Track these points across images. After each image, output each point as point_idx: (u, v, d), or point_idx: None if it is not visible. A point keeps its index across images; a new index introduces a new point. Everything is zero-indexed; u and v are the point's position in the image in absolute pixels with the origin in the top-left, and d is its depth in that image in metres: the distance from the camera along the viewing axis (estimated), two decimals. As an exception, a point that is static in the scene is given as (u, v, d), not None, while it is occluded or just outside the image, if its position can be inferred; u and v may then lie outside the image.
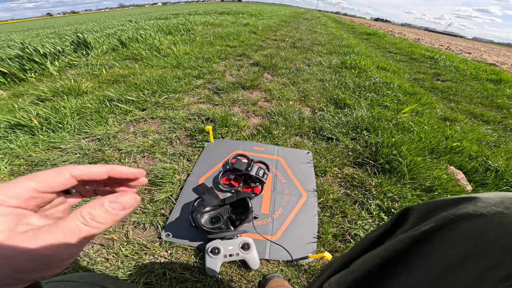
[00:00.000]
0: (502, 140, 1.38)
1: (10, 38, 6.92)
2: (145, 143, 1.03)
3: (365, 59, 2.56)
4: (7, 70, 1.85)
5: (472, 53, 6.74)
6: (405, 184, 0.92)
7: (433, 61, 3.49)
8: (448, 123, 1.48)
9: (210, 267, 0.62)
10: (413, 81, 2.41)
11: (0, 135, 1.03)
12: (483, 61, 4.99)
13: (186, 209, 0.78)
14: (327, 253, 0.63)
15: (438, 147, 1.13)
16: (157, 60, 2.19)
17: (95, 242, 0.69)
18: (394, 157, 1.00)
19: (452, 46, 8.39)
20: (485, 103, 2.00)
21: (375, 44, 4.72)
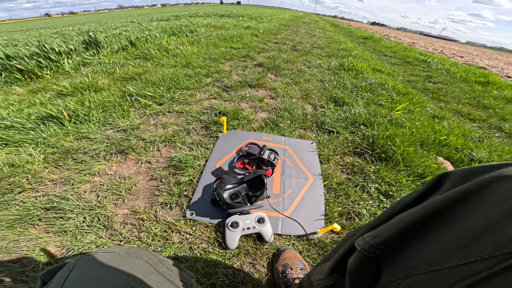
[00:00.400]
0: (486, 136, 1.52)
1: (13, 37, 6.94)
2: (166, 134, 1.14)
3: (361, 62, 2.71)
4: (24, 67, 1.93)
5: (464, 57, 7.00)
6: (399, 170, 1.04)
7: (426, 64, 3.67)
8: (437, 120, 1.62)
9: (229, 241, 0.70)
10: (406, 82, 2.57)
11: (31, 126, 1.13)
12: (474, 65, 5.23)
13: (207, 190, 0.88)
14: (336, 224, 0.73)
15: (427, 140, 1.26)
16: (167, 60, 2.30)
17: (127, 222, 0.77)
18: (389, 147, 1.12)
19: (445, 50, 8.67)
20: (472, 103, 2.16)
21: (371, 48, 4.91)
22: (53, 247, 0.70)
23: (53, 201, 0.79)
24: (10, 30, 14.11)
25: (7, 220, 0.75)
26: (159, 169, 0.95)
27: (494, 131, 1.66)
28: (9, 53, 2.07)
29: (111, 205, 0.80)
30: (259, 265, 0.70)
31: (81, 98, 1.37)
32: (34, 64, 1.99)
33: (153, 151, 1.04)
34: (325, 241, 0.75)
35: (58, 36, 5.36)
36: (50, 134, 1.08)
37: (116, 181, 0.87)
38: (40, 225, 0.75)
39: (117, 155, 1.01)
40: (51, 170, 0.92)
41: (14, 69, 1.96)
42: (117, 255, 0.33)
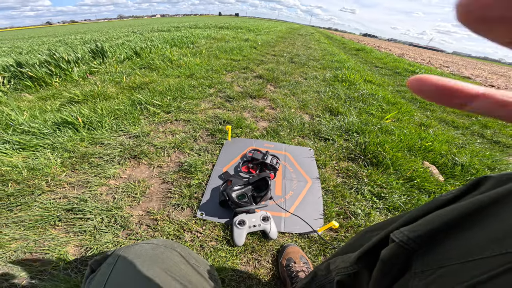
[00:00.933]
0: (469, 142, 1.66)
1: (16, 45, 7.02)
2: (175, 140, 1.22)
3: (354, 73, 2.89)
4: (35, 75, 2.01)
5: (450, 67, 7.41)
6: (390, 174, 1.14)
7: (415, 75, 3.91)
8: (423, 128, 1.76)
9: (237, 237, 0.77)
10: (396, 92, 2.75)
11: (47, 132, 1.20)
12: (459, 74, 5.56)
13: (215, 192, 0.96)
14: (334, 221, 0.80)
15: (414, 147, 1.38)
16: (171, 70, 2.41)
17: (142, 222, 0.82)
18: (379, 152, 1.23)
19: (433, 60, 9.15)
20: (456, 111, 2.33)
21: (363, 59, 5.18)
22: (72, 247, 0.74)
23: (72, 202, 0.85)
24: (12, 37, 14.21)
25: (29, 220, 0.80)
26: (170, 173, 1.03)
27: (476, 138, 1.80)
28: (21, 61, 2.14)
29: (127, 207, 0.86)
30: (264, 260, 0.76)
31: (92, 105, 1.45)
32: (44, 72, 2.07)
33: (164, 157, 1.12)
34: (325, 238, 0.83)
35: (62, 45, 5.47)
36: (67, 139, 1.15)
37: (130, 184, 0.94)
38: (60, 226, 0.80)
39: (130, 160, 1.08)
40: (68, 174, 0.98)
41: (25, 76, 2.03)
42: (155, 246, 0.37)
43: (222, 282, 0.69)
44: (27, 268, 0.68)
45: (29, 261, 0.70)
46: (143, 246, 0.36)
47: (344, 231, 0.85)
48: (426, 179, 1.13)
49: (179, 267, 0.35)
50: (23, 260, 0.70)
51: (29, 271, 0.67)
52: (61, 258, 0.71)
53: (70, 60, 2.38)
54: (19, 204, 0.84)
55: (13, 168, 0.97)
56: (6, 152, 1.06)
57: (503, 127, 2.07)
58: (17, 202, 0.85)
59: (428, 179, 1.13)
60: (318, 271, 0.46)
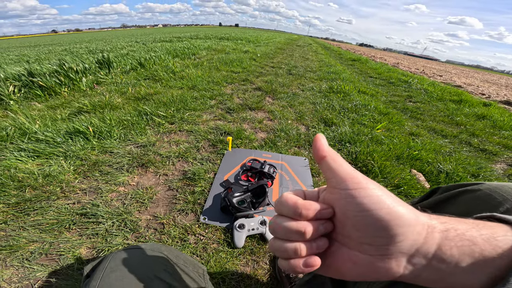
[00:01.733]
0: (456, 150, 1.75)
1: (23, 53, 7.22)
2: (179, 150, 1.31)
3: (349, 84, 3.04)
4: (45, 84, 2.12)
5: (443, 76, 7.62)
6: (379, 182, 1.23)
7: (407, 84, 4.06)
8: (413, 137, 1.86)
9: (237, 240, 0.82)
10: (388, 103, 2.87)
11: (60, 140, 1.28)
12: (451, 83, 5.75)
13: (217, 198, 1.03)
14: None
15: (403, 155, 1.48)
16: (174, 82, 2.54)
17: (150, 226, 0.88)
18: (369, 161, 1.32)
19: (426, 69, 9.41)
20: (446, 120, 2.45)
21: (358, 70, 5.38)
22: (85, 249, 0.80)
23: (85, 207, 0.92)
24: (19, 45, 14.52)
25: (46, 224, 0.86)
26: (175, 180, 1.11)
27: (463, 146, 1.90)
28: (32, 70, 2.25)
29: (136, 212, 0.94)
30: (262, 262, 0.80)
31: (101, 115, 1.55)
32: (54, 81, 2.18)
33: (169, 165, 1.20)
34: None
35: (68, 54, 5.65)
36: (79, 148, 1.23)
37: (139, 191, 1.02)
38: (74, 229, 0.85)
39: (138, 168, 1.16)
40: (81, 180, 1.06)
41: (36, 86, 2.13)
42: (143, 251, 0.39)
43: (223, 281, 0.73)
44: (43, 269, 0.72)
45: (45, 262, 0.74)
46: (131, 251, 0.38)
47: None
48: (413, 186, 1.21)
49: (165, 270, 0.37)
50: (40, 261, 0.75)
51: (45, 272, 0.72)
52: (75, 259, 0.77)
53: (78, 70, 2.50)
54: (35, 208, 0.91)
55: (29, 174, 1.05)
56: (21, 159, 1.15)
57: (490, 135, 2.17)
58: (34, 206, 0.92)
59: (415, 186, 1.22)
60: None
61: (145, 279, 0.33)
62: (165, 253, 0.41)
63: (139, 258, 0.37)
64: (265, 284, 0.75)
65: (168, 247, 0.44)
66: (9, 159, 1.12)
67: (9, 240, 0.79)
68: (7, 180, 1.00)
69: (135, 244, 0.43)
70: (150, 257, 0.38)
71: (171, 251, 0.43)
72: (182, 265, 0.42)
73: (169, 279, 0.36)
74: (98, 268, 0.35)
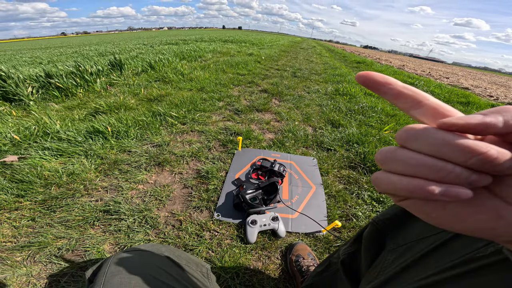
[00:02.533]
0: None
1: (36, 55, 7.46)
2: (192, 150, 1.36)
3: (354, 87, 3.06)
4: (62, 85, 2.21)
5: (450, 78, 7.52)
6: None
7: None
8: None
9: (249, 235, 0.85)
10: (395, 105, 2.88)
11: (81, 140, 1.35)
12: (458, 85, 5.69)
13: (229, 196, 1.07)
14: (337, 221, 0.90)
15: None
16: (184, 83, 2.62)
17: (168, 223, 0.92)
18: (377, 162, 1.35)
19: (432, 71, 9.30)
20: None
21: (363, 72, 5.38)
22: (108, 245, 0.83)
23: (108, 204, 0.97)
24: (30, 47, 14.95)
25: (72, 220, 0.89)
26: (190, 179, 1.16)
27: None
28: (49, 72, 2.34)
29: (155, 209, 0.98)
30: (273, 257, 0.83)
31: (117, 116, 1.62)
32: (70, 83, 2.27)
33: (183, 164, 1.26)
34: (329, 238, 0.92)
35: (79, 56, 5.82)
36: (99, 147, 1.30)
37: (157, 189, 1.07)
38: (97, 226, 0.89)
39: (155, 166, 1.22)
40: (102, 178, 1.12)
41: (53, 87, 2.23)
42: (142, 253, 0.38)
43: (237, 276, 0.75)
44: (70, 265, 0.75)
45: (71, 258, 0.77)
46: (131, 254, 0.38)
47: (347, 232, 0.95)
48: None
49: (166, 270, 0.36)
50: (67, 257, 0.77)
51: (71, 267, 0.75)
52: (100, 255, 0.78)
53: (93, 72, 2.60)
54: (61, 205, 0.96)
55: (54, 172, 1.11)
56: (46, 158, 1.21)
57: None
58: (60, 204, 0.96)
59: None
60: (332, 260, 0.50)
61: (146, 283, 0.33)
62: (166, 253, 0.40)
63: (139, 261, 0.36)
64: (277, 278, 0.78)
65: (169, 247, 0.44)
66: (34, 157, 1.19)
67: (38, 237, 0.82)
68: (34, 178, 1.06)
69: (135, 246, 0.42)
70: (151, 259, 0.38)
71: (173, 251, 0.43)
72: (185, 265, 0.41)
73: (171, 281, 0.35)
74: (99, 273, 0.34)
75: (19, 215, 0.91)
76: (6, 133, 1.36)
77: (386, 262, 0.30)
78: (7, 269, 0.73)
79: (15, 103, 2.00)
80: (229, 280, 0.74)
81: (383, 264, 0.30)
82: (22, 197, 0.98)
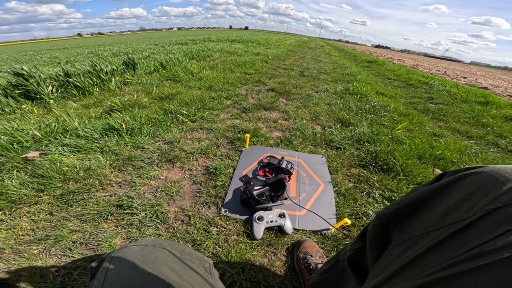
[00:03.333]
0: (482, 151, 1.67)
1: (55, 56, 7.87)
2: (201, 147, 1.39)
3: (365, 86, 2.98)
4: (80, 84, 2.32)
5: (467, 78, 7.18)
6: (400, 180, 1.21)
7: (428, 86, 3.89)
8: (435, 138, 1.80)
9: (256, 231, 0.85)
10: (408, 104, 2.78)
11: (97, 136, 1.41)
12: (477, 85, 5.40)
13: (236, 192, 1.07)
14: (346, 218, 0.88)
15: (425, 155, 1.44)
16: (193, 82, 2.67)
17: (178, 218, 0.93)
18: (390, 160, 1.31)
19: (449, 71, 8.90)
20: (471, 122, 2.33)
21: (375, 71, 5.24)
22: (120, 239, 0.84)
23: (122, 199, 1.00)
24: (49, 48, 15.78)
25: (87, 214, 0.91)
26: (199, 175, 1.18)
27: (490, 147, 1.80)
28: (68, 71, 2.46)
29: (165, 204, 1.00)
30: (280, 254, 0.82)
31: (131, 113, 1.68)
32: (87, 81, 2.37)
33: (193, 161, 1.28)
34: (338, 236, 0.90)
35: (94, 56, 6.07)
36: (114, 144, 1.35)
37: (167, 185, 1.10)
38: (110, 220, 0.90)
39: (166, 163, 1.25)
40: (116, 174, 1.16)
41: (72, 86, 2.33)
42: (144, 247, 0.38)
43: (242, 271, 0.75)
44: (82, 257, 0.76)
45: (84, 251, 0.79)
46: (132, 248, 0.37)
47: (356, 230, 0.93)
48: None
49: (168, 265, 0.36)
50: (80, 250, 0.79)
51: (84, 260, 0.76)
52: (111, 248, 0.79)
53: (108, 71, 2.70)
54: (78, 200, 0.98)
55: (72, 168, 1.17)
56: (65, 154, 1.28)
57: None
58: (76, 198, 0.99)
59: (438, 186, 1.19)
60: (340, 257, 0.50)
61: (147, 278, 0.32)
62: (169, 248, 0.40)
63: (141, 256, 0.36)
64: (282, 275, 0.76)
65: (171, 242, 0.44)
66: (54, 153, 1.26)
67: (55, 230, 0.84)
68: (53, 173, 1.11)
69: (137, 241, 0.41)
70: (153, 254, 0.37)
71: (175, 246, 0.42)
72: (187, 260, 0.41)
73: (174, 276, 0.34)
74: (101, 268, 0.34)
75: (38, 209, 0.94)
76: (28, 130, 1.44)
77: (391, 257, 0.29)
78: (23, 262, 0.74)
79: (37, 102, 2.12)
80: (234, 275, 0.74)
81: (388, 259, 0.30)
82: (42, 192, 1.01)
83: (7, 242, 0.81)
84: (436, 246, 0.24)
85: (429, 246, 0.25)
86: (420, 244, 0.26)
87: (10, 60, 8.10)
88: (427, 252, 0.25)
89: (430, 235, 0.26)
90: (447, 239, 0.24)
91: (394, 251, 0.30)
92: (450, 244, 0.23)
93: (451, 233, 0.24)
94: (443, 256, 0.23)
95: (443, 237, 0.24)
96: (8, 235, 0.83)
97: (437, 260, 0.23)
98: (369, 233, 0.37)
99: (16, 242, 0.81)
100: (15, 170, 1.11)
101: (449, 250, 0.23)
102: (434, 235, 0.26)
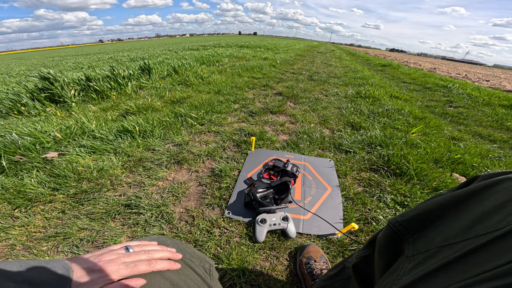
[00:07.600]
0: (505, 155, 1.54)
1: (78, 61, 8.47)
2: (208, 149, 1.41)
3: (378, 89, 2.89)
4: (99, 88, 2.46)
5: (490, 81, 6.75)
6: (414, 184, 1.14)
7: (447, 89, 3.69)
8: (454, 142, 1.69)
9: (258, 234, 0.83)
10: (424, 107, 2.65)
11: (112, 138, 1.48)
12: (501, 88, 5.04)
13: (240, 194, 1.07)
14: (354, 223, 0.84)
15: (442, 159, 1.35)
16: (203, 87, 2.74)
17: (182, 218, 0.94)
18: (403, 164, 1.24)
19: (470, 74, 8.42)
20: (494, 125, 2.16)
21: (389, 75, 5.07)
22: (125, 238, 0.85)
23: (130, 199, 1.03)
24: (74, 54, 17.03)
25: (96, 213, 0.94)
26: (205, 177, 1.19)
27: (516, 152, 1.65)
28: (89, 75, 2.62)
29: (171, 205, 1.02)
30: (282, 258, 0.80)
31: (145, 116, 1.76)
32: (106, 86, 2.51)
33: (200, 163, 1.30)
34: (344, 241, 0.86)
35: (114, 61, 6.44)
36: (127, 145, 1.41)
37: (174, 186, 1.12)
38: (118, 219, 0.92)
39: (174, 164, 1.28)
40: (127, 175, 1.21)
41: (92, 90, 2.48)
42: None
43: (243, 274, 0.74)
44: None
45: (90, 249, 0.80)
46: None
47: (365, 235, 0.88)
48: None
49: None
50: (86, 248, 0.80)
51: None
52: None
53: (125, 76, 2.85)
54: (89, 199, 1.01)
55: (86, 168, 1.23)
56: (81, 154, 1.35)
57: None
58: (88, 197, 1.02)
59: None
60: (347, 264, 0.48)
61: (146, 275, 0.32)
62: (171, 246, 0.40)
63: None
64: (284, 279, 0.74)
65: (174, 240, 0.43)
66: (71, 154, 1.33)
67: (65, 228, 0.87)
68: (69, 173, 1.17)
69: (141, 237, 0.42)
70: None
71: (177, 244, 0.42)
72: (188, 259, 0.40)
73: (172, 275, 0.34)
74: None
75: (52, 207, 0.97)
76: (50, 131, 1.55)
77: (403, 271, 0.27)
78: (31, 258, 0.76)
79: (60, 105, 2.28)
80: (235, 278, 0.73)
81: (399, 273, 0.27)
82: (57, 191, 1.05)
83: (19, 239, 0.84)
84: (459, 260, 0.22)
85: (449, 259, 0.22)
86: (439, 258, 0.24)
87: (39, 65, 8.79)
88: (447, 266, 0.22)
89: (452, 247, 0.23)
90: (473, 252, 0.21)
91: (407, 264, 0.27)
92: (477, 259, 0.21)
93: (478, 245, 0.21)
94: (467, 271, 0.20)
95: (468, 250, 0.21)
96: (21, 232, 0.87)
97: (460, 276, 0.21)
98: (378, 241, 0.34)
99: (28, 238, 0.84)
100: (35, 169, 1.19)
101: (475, 265, 0.20)
102: (457, 247, 0.23)
